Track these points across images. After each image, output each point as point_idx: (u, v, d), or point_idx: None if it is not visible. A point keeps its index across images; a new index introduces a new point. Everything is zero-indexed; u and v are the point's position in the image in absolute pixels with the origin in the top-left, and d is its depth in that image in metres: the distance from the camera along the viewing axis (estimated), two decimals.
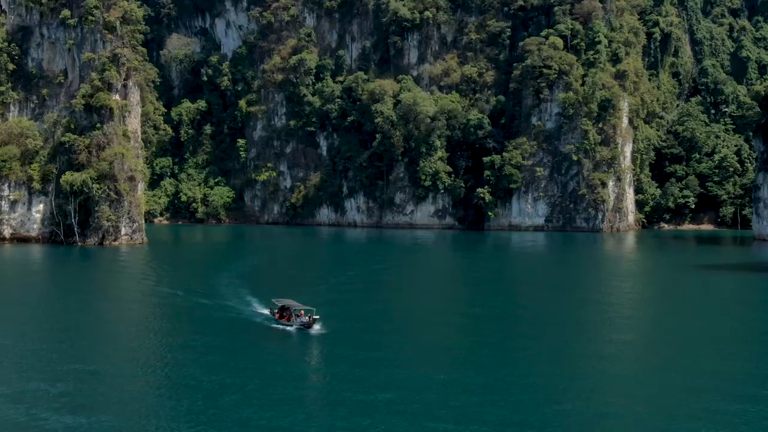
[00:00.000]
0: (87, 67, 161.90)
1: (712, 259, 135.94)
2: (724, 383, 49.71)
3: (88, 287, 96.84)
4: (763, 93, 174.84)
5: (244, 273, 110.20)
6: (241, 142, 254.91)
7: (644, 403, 45.57)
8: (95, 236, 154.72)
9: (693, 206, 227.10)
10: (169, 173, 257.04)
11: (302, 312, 68.37)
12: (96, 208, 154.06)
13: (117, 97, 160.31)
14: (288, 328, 67.54)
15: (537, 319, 74.13)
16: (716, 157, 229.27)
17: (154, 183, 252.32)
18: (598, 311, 78.58)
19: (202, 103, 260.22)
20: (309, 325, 66.45)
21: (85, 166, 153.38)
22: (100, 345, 62.34)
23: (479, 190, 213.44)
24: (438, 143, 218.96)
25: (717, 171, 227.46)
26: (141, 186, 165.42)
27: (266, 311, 74.23)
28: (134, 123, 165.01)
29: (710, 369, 53.78)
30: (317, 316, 67.17)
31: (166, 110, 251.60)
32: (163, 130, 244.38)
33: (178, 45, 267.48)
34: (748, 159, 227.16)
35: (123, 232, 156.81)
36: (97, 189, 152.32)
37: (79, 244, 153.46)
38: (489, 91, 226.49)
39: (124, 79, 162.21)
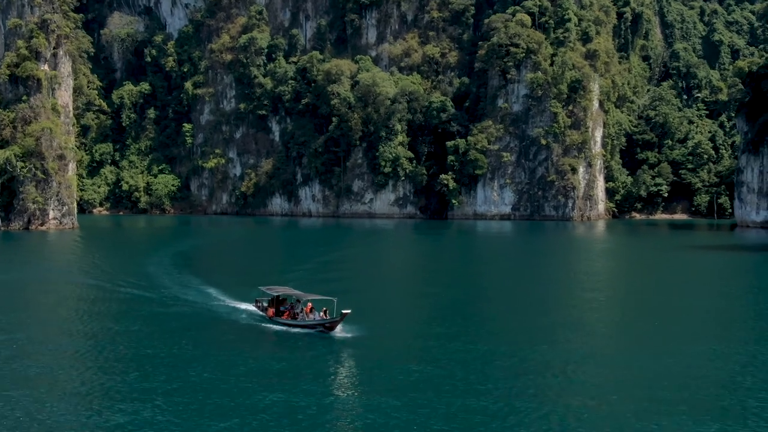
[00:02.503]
0: (13, 34, 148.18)
1: (707, 243, 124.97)
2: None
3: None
4: (747, 70, 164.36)
5: (199, 263, 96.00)
6: (187, 126, 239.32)
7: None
8: (20, 220, 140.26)
9: (666, 195, 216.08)
10: (109, 160, 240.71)
11: (310, 305, 48.37)
12: (21, 189, 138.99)
13: (46, 67, 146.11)
14: (293, 329, 47.21)
15: (553, 316, 61.12)
16: (690, 143, 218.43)
17: (93, 171, 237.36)
18: (600, 307, 66.08)
19: (145, 86, 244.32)
20: (332, 326, 45.68)
21: (9, 143, 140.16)
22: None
23: (442, 176, 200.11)
24: (398, 127, 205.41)
25: (691, 158, 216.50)
26: (72, 166, 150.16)
27: (250, 306, 54.30)
28: (65, 96, 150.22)
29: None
30: (348, 311, 45.39)
31: (101, 83, 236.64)
32: (98, 104, 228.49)
33: (121, 24, 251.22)
34: (723, 145, 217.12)
35: (51, 215, 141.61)
36: (22, 167, 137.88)
37: (2, 228, 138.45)
38: (452, 72, 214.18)
39: (54, 48, 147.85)
